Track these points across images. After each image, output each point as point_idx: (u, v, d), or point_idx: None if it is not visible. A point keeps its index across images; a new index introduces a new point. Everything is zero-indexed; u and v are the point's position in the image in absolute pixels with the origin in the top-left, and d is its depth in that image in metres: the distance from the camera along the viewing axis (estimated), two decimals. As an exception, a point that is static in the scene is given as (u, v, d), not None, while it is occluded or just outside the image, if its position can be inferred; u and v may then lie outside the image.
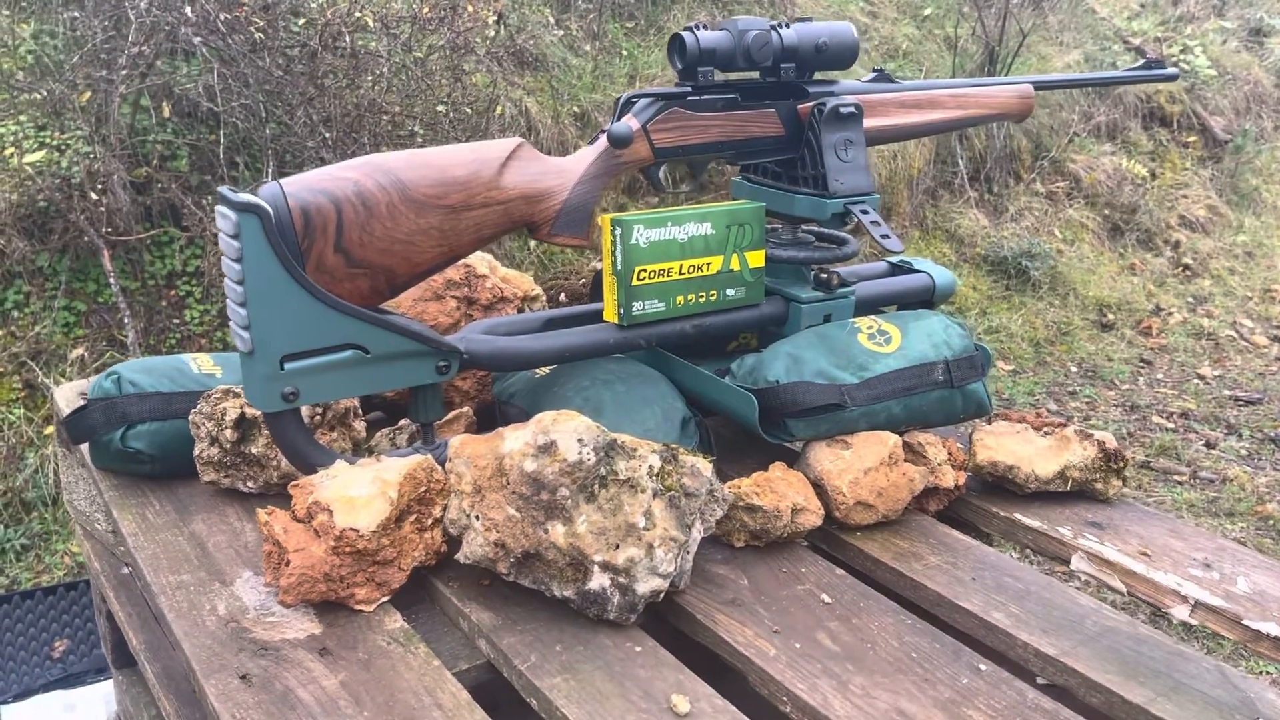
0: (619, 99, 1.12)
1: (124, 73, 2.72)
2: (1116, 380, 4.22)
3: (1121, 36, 6.02)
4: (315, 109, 3.11)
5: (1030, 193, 5.21)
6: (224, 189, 0.90)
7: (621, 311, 1.11)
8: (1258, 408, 3.92)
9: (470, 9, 3.32)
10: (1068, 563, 1.07)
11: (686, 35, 1.10)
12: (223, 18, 2.78)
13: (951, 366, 1.12)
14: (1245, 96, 6.03)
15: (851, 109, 1.16)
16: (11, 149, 3.07)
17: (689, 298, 1.14)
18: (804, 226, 1.25)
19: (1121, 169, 5.40)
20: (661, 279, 1.11)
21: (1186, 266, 5.25)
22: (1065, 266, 4.89)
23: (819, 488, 1.07)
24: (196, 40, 2.66)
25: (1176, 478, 3.34)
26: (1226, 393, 4.07)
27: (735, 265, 1.16)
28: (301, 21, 2.88)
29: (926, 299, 1.35)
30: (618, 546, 0.89)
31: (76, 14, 3.09)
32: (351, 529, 0.90)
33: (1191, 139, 5.73)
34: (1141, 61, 1.43)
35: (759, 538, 1.03)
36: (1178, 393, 4.07)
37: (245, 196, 0.89)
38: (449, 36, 3.25)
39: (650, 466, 0.91)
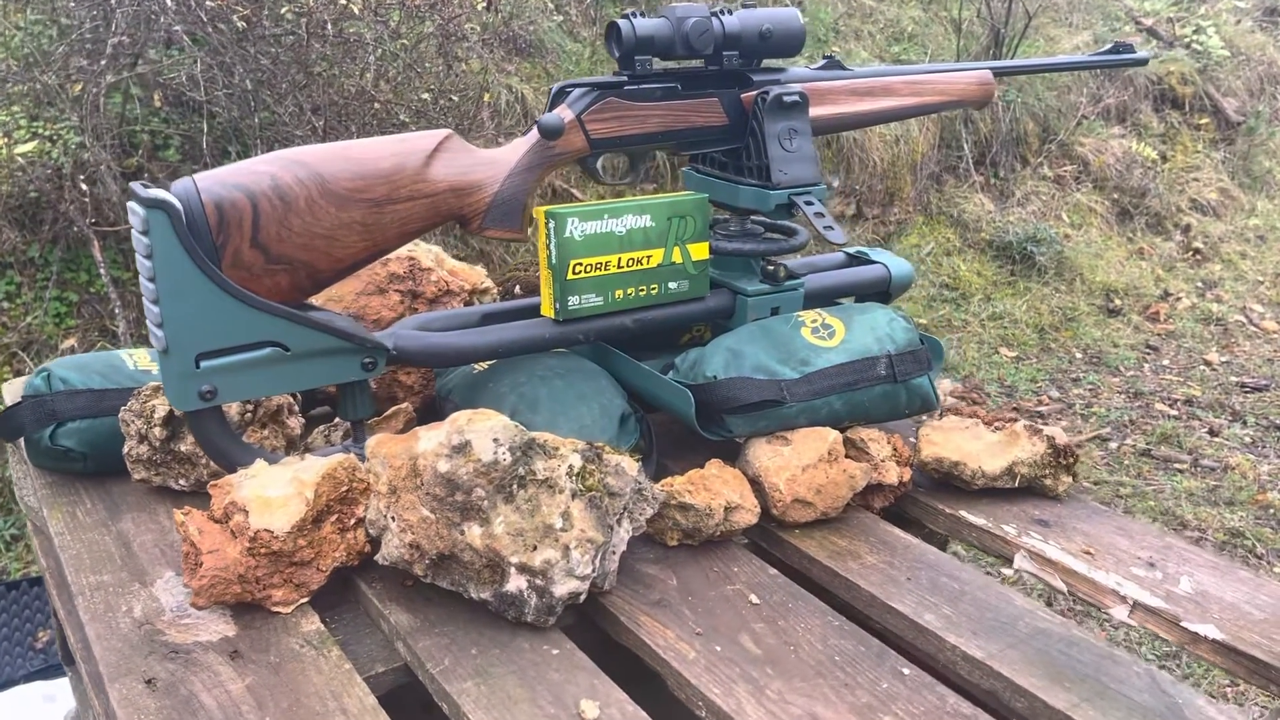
0: (553, 88, 1.10)
1: (104, 63, 2.70)
2: (1121, 367, 4.16)
3: (1133, 17, 5.92)
4: (304, 96, 3.10)
5: (1037, 177, 5.15)
6: (136, 184, 0.89)
7: (557, 306, 1.09)
8: (1264, 394, 3.86)
9: (461, -5, 3.29)
10: (1012, 561, 1.04)
11: (622, 22, 1.08)
12: (208, 5, 2.77)
13: (895, 361, 1.09)
14: (1259, 77, 5.93)
15: (796, 97, 1.14)
16: (3, 140, 3.07)
17: (628, 292, 1.12)
18: (753, 218, 1.23)
19: (1131, 152, 5.32)
20: (599, 273, 1.09)
21: (1197, 251, 5.17)
22: (1072, 251, 4.83)
23: (757, 485, 1.05)
24: (177, 29, 2.65)
25: (1177, 466, 3.30)
26: (1233, 379, 4.02)
27: (677, 258, 1.14)
28: (284, 9, 2.86)
29: (883, 290, 1.32)
30: (535, 548, 0.87)
31: (72, 2, 3.09)
32: (266, 530, 0.89)
33: (1203, 121, 5.64)
34: (1110, 45, 1.39)
35: (692, 536, 1.01)
36: (1183, 379, 4.02)
37: (154, 192, 0.88)
38: (439, 22, 3.23)
39: (570, 466, 0.90)
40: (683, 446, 1.22)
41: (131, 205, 0.88)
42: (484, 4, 3.29)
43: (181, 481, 1.07)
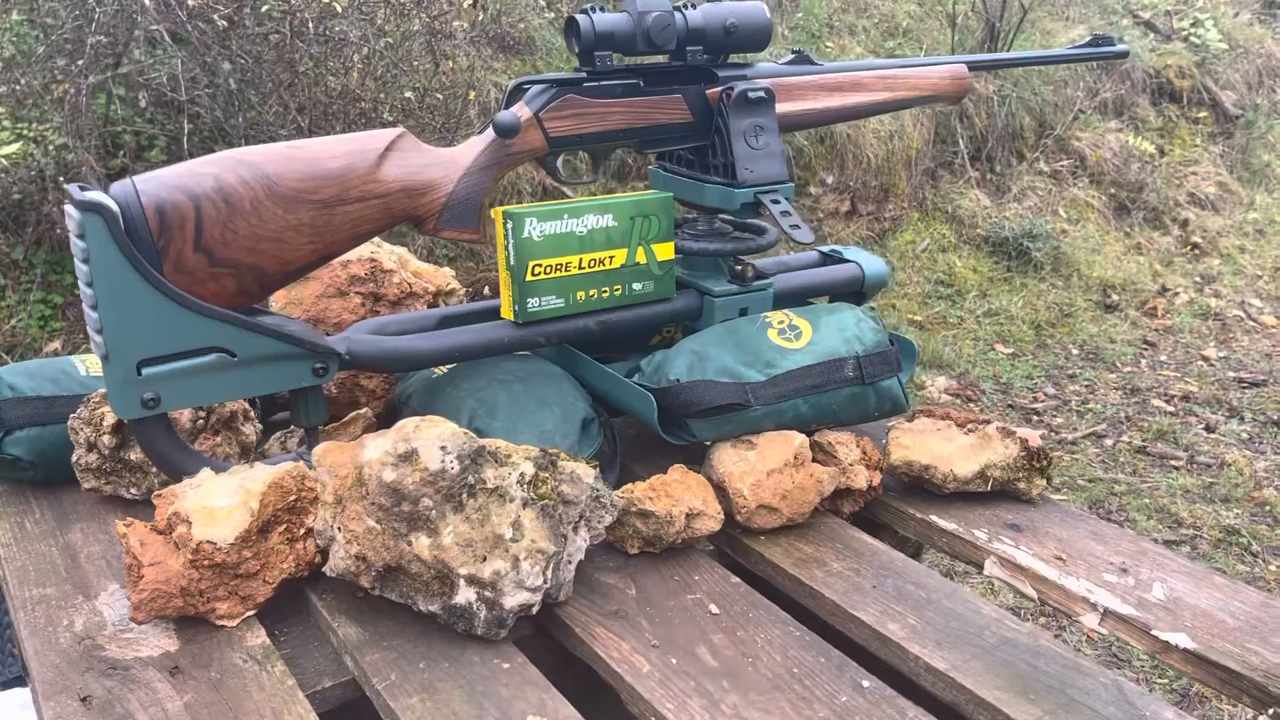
0: (509, 85, 1.07)
1: (84, 63, 2.68)
2: (1118, 363, 4.13)
3: (1130, 10, 5.89)
4: (289, 95, 3.08)
5: (1034, 172, 5.11)
6: (72, 186, 0.86)
7: (516, 309, 1.06)
8: (1262, 390, 3.83)
9: (448, -8, 3.26)
10: (982, 567, 1.02)
11: (581, 18, 1.05)
12: (189, 3, 2.74)
13: (863, 362, 1.07)
14: (1257, 70, 5.89)
15: (761, 93, 1.11)
16: (-13, 141, 3.05)
17: (591, 293, 1.09)
18: (721, 216, 1.20)
19: (1128, 146, 5.29)
20: (559, 274, 1.07)
21: (1195, 245, 5.13)
22: (1069, 247, 4.79)
23: (721, 490, 1.03)
24: (155, 29, 2.62)
25: (1173, 462, 3.26)
26: (1231, 374, 3.98)
27: (641, 258, 1.11)
28: (265, 7, 2.84)
29: (856, 289, 1.29)
30: (484, 559, 0.84)
31: (54, 2, 3.06)
32: (208, 541, 0.86)
33: (1201, 114, 5.60)
34: (1089, 38, 1.36)
35: (653, 544, 0.99)
36: (1180, 375, 3.98)
37: (90, 194, 0.85)
38: (426, 20, 3.21)
39: (521, 474, 0.87)
40: (650, 450, 1.19)
41: (67, 208, 0.86)
42: (471, 1, 3.26)
43: (133, 490, 1.04)
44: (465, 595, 0.85)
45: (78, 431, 1.03)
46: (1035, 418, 3.65)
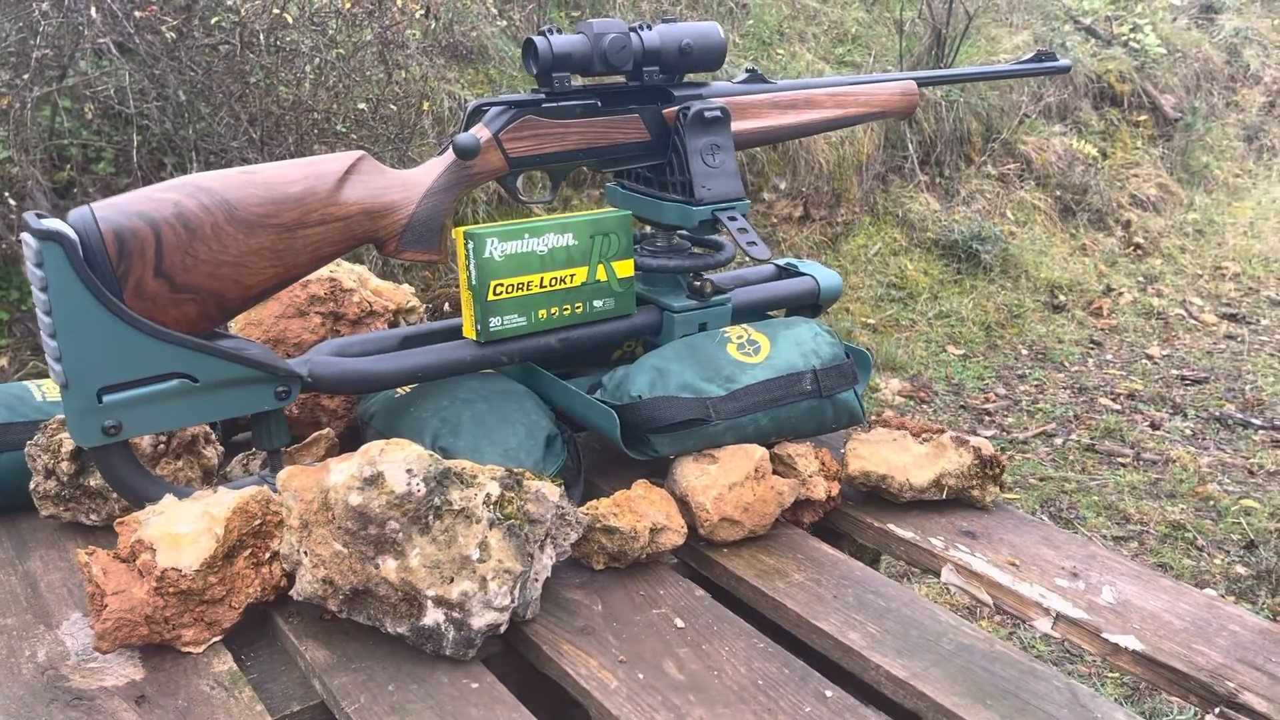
0: (468, 107, 1.08)
1: (28, 76, 2.64)
2: (1066, 362, 4.22)
3: (1072, 16, 6.01)
4: (240, 107, 3.05)
5: (981, 175, 5.20)
6: (29, 214, 0.86)
7: (479, 328, 1.07)
8: (1204, 387, 3.93)
9: (399, 2, 3.25)
10: (939, 574, 1.04)
11: (539, 39, 1.06)
12: (136, 16, 2.71)
13: (820, 376, 1.09)
14: (1195, 74, 6.04)
15: (717, 113, 1.13)
16: (-73, 155, 2.98)
17: (552, 311, 1.10)
18: (679, 233, 1.22)
19: (1072, 149, 5.40)
20: (521, 293, 1.08)
21: (1138, 246, 5.26)
22: (1017, 249, 4.89)
23: (684, 504, 1.04)
24: (102, 41, 2.59)
25: (1120, 460, 3.34)
26: (1174, 372, 4.09)
27: (602, 276, 1.12)
28: (215, 19, 2.81)
29: (812, 302, 1.32)
30: (451, 580, 0.85)
31: (-3, 15, 3.01)
32: (173, 568, 0.86)
33: (1142, 118, 5.73)
34: (1033, 53, 1.40)
35: (618, 559, 1.00)
36: (1126, 374, 4.08)
37: (48, 223, 0.85)
38: (378, 30, 3.19)
39: (488, 495, 0.88)
40: (614, 465, 1.21)
41: (25, 237, 0.85)
42: (422, 11, 3.25)
43: (93, 516, 1.04)
44: (433, 616, 0.86)
45: (35, 458, 1.02)
46: (987, 418, 3.71)
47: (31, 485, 1.02)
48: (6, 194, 2.87)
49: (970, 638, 0.91)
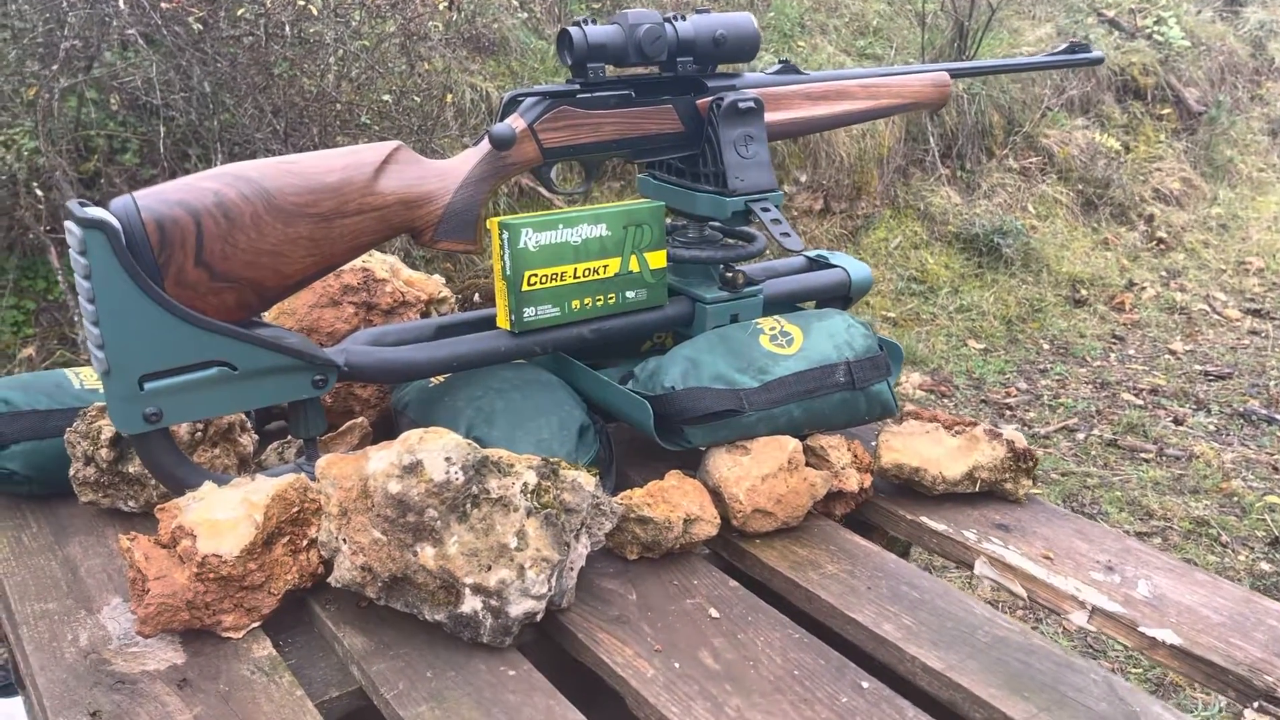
0: (504, 97, 1.08)
1: (56, 67, 2.66)
2: (1088, 357, 4.19)
3: (1095, 9, 5.96)
4: (265, 98, 3.06)
5: (1003, 169, 5.17)
6: (72, 203, 0.87)
7: (513, 318, 1.07)
8: (1227, 382, 3.90)
9: (422, -6, 3.26)
10: (972, 567, 1.04)
11: (574, 30, 1.06)
12: (163, 7, 2.72)
13: (854, 368, 1.09)
14: (1219, 67, 5.99)
15: (751, 103, 1.13)
16: (-44, 146, 3.01)
17: (585, 302, 1.11)
18: (711, 224, 1.22)
19: (1095, 143, 5.36)
20: (554, 283, 1.08)
21: (1160, 240, 5.22)
22: (1038, 243, 4.86)
23: (717, 495, 1.05)
24: (129, 32, 2.60)
25: (1143, 455, 3.32)
26: (1197, 368, 4.06)
27: (634, 267, 1.13)
28: (241, 10, 2.82)
29: (843, 294, 1.31)
30: (489, 568, 0.86)
31: (25, 5, 3.03)
32: (214, 554, 0.87)
33: (1165, 111, 5.69)
34: (1065, 45, 1.39)
35: (651, 549, 1.00)
36: (1148, 369, 4.05)
37: (92, 211, 0.85)
38: (401, 22, 3.20)
39: (525, 484, 0.88)
40: (645, 455, 1.21)
41: (69, 225, 0.86)
42: (446, 3, 3.26)
43: (131, 503, 1.05)
44: (471, 604, 0.86)
45: (75, 445, 1.03)
46: (1008, 412, 3.70)
47: (71, 472, 1.03)
48: (34, 184, 2.90)
49: (1005, 630, 0.91)
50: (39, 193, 2.90)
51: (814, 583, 0.98)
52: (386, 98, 3.03)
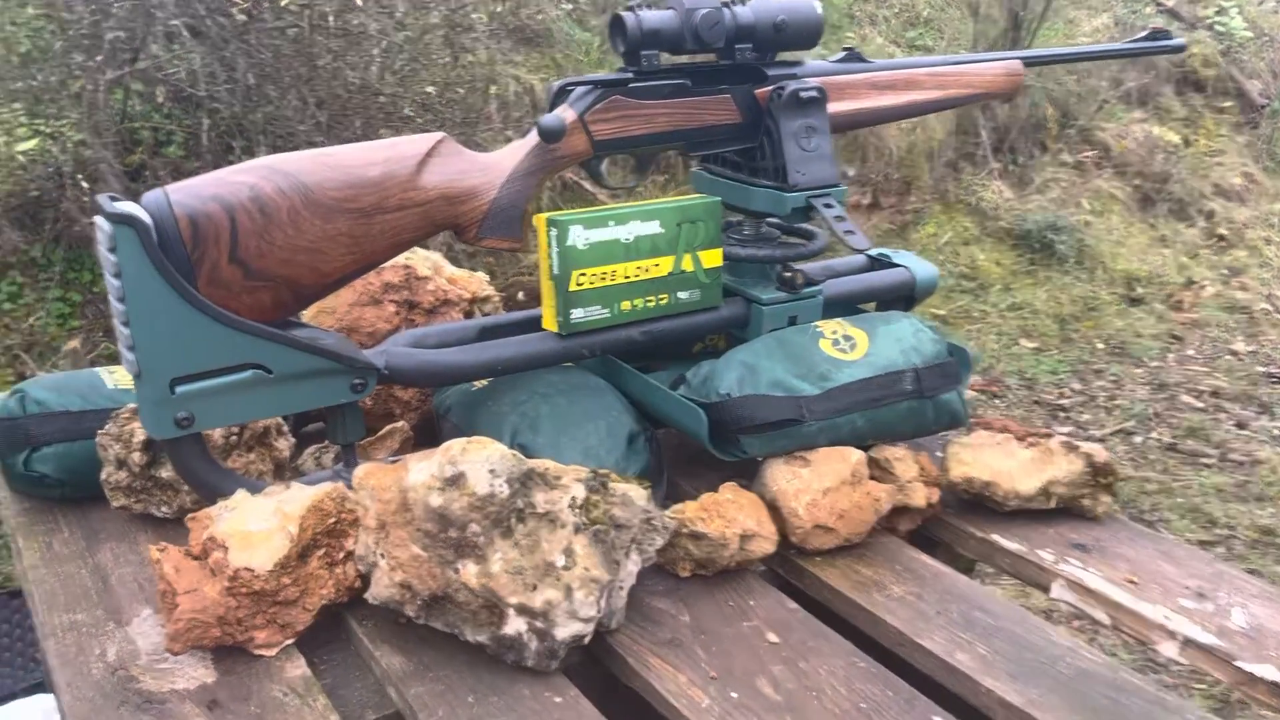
0: (552, 87, 1.03)
1: (99, 59, 2.65)
2: (1145, 358, 4.07)
3: (1154, -2, 5.80)
4: (308, 90, 3.03)
5: (1057, 163, 5.04)
6: (102, 197, 0.83)
7: (560, 320, 1.02)
8: (1292, 385, 3.77)
9: (467, -15, 3.22)
10: (1049, 590, 0.97)
11: (627, 15, 1.00)
12: (207, -2, 2.70)
13: (922, 375, 1.02)
14: (1284, 58, 5.79)
15: (814, 93, 1.06)
16: (4, 137, 3.02)
17: (636, 303, 1.05)
18: (768, 221, 1.16)
19: (1153, 136, 5.21)
20: (604, 283, 1.02)
21: (1221, 237, 5.06)
22: (1093, 239, 4.72)
23: (774, 509, 0.99)
24: (174, 24, 2.59)
25: (1204, 460, 3.21)
26: (1259, 369, 3.92)
27: (688, 266, 1.07)
28: (284, 2, 2.79)
29: (907, 295, 1.25)
30: (535, 588, 0.80)
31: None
32: (246, 568, 0.82)
33: (1227, 104, 5.51)
34: (1146, 31, 1.31)
35: (705, 567, 0.95)
36: (1209, 370, 3.92)
37: (122, 206, 0.81)
38: (445, 13, 3.16)
39: (573, 498, 0.83)
40: (696, 464, 1.15)
41: (98, 220, 0.82)
42: (490, -7, 3.21)
43: (164, 509, 1.01)
44: (515, 625, 0.81)
45: (107, 448, 0.99)
46: (1062, 414, 3.59)
47: (103, 475, 0.99)
48: (79, 176, 2.90)
49: (1089, 662, 0.85)
50: (84, 185, 2.90)
51: (879, 606, 0.92)
52: (430, 90, 3.00)
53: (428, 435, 1.15)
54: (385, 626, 0.88)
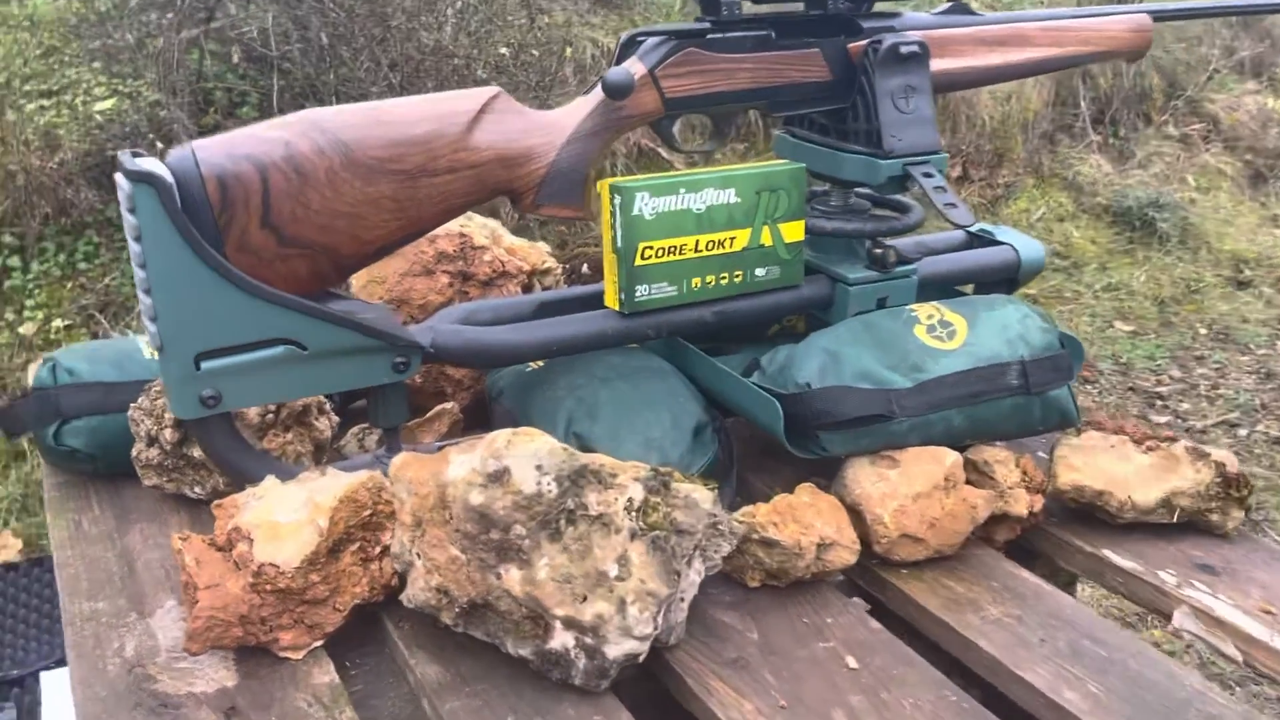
0: (621, 38, 0.93)
1: (174, 18, 2.62)
2: (1252, 344, 3.83)
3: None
4: (381, 51, 2.98)
5: (1161, 136, 4.77)
6: (124, 153, 0.75)
7: (623, 297, 0.92)
8: None
9: (544, -58, 3.12)
10: (1169, 617, 0.85)
11: (706, -41, 0.90)
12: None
13: (1029, 368, 0.90)
14: None
15: (915, 48, 0.95)
16: (83, 96, 3.03)
17: (707, 280, 0.95)
18: (858, 191, 1.05)
19: (1267, 109, 4.90)
20: (672, 257, 0.93)
21: (1339, 218, 4.74)
22: (1198, 218, 4.46)
23: (856, 514, 0.88)
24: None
25: (1316, 457, 3.00)
26: (1378, 360, 3.66)
27: (766, 240, 0.96)
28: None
29: (1010, 277, 1.12)
30: (584, 599, 0.72)
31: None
32: (270, 564, 0.75)
33: (1350, 75, 5.15)
34: (1296, -17, 1.16)
35: (777, 577, 0.85)
36: (1322, 360, 3.67)
37: (142, 163, 0.74)
38: (521, -28, 3.07)
39: (630, 500, 0.74)
40: (769, 456, 1.05)
41: (117, 178, 0.75)
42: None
43: (197, 489, 0.94)
44: (562, 639, 0.72)
45: (138, 423, 0.93)
46: (1159, 402, 3.40)
47: (134, 453, 0.93)
48: (154, 137, 2.89)
49: (1220, 707, 0.73)
50: (159, 146, 2.89)
51: (973, 628, 0.81)
52: (504, 51, 2.91)
53: (480, 417, 1.07)
54: (423, 630, 0.80)
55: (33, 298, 2.76)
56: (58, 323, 2.79)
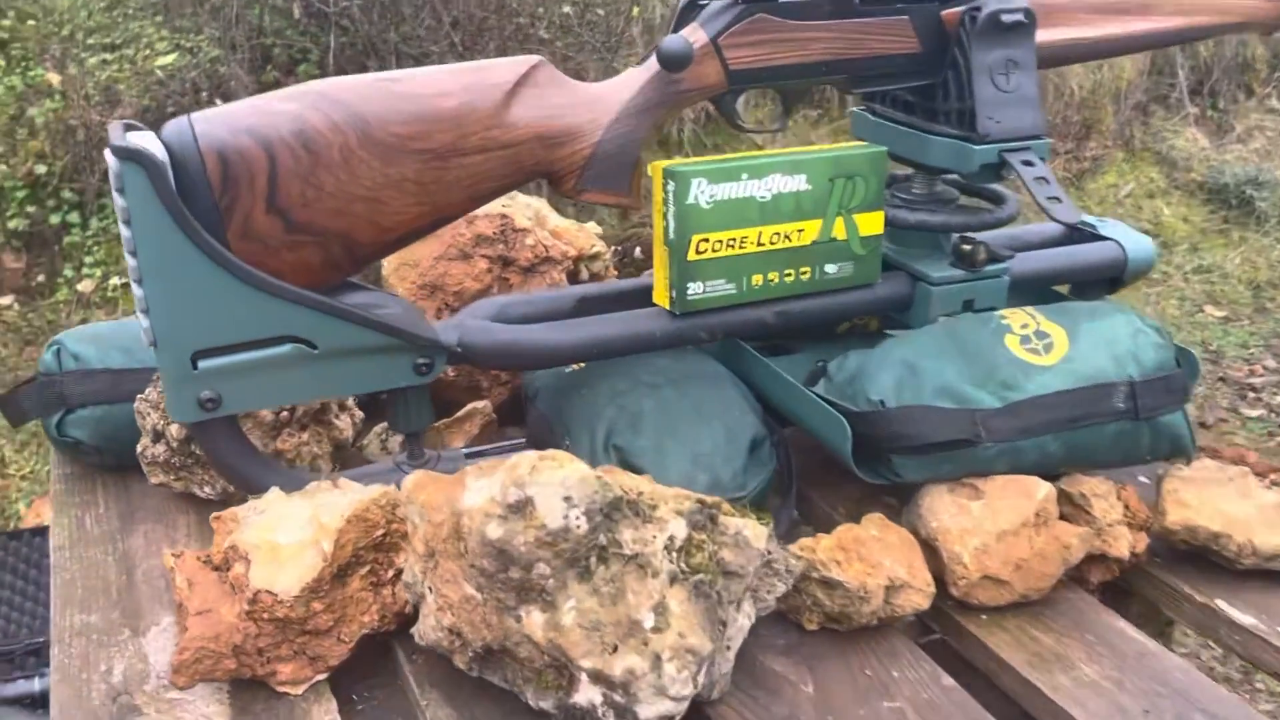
0: (680, 1, 0.82)
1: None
2: (1354, 335, 3.60)
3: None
4: (444, 8, 2.89)
5: (1263, 109, 4.50)
6: (115, 125, 0.67)
7: (674, 295, 0.82)
8: None
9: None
10: (1293, 686, 0.74)
11: (781, -93, 0.78)
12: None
13: (1139, 390, 0.79)
14: None
15: (1019, 16, 0.82)
16: (144, 51, 3.00)
17: (770, 277, 0.84)
18: (944, 179, 0.93)
19: (1381, 82, 4.58)
20: (732, 251, 0.82)
21: None
22: (1300, 197, 4.21)
23: (930, 549, 0.78)
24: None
25: None
26: None
27: (839, 232, 0.85)
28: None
29: (1114, 277, 1.00)
30: (615, 649, 0.63)
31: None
32: (267, 591, 0.67)
33: None
34: None
35: (839, 621, 0.75)
36: None
37: (133, 138, 0.66)
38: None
39: (670, 538, 0.64)
40: (834, 471, 0.94)
41: (106, 155, 0.66)
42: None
43: (207, 489, 0.87)
44: (588, 694, 0.63)
45: (144, 416, 0.86)
46: (1251, 394, 3.22)
47: (139, 448, 0.86)
48: (211, 93, 2.84)
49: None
50: (218, 102, 2.84)
51: (1064, 692, 0.71)
52: (568, 10, 2.80)
53: (517, 415, 0.98)
54: (438, 666, 0.72)
55: (91, 255, 2.74)
56: (115, 280, 2.76)
